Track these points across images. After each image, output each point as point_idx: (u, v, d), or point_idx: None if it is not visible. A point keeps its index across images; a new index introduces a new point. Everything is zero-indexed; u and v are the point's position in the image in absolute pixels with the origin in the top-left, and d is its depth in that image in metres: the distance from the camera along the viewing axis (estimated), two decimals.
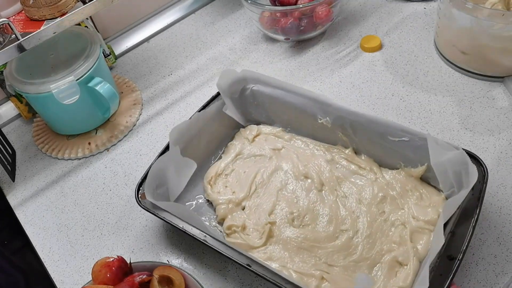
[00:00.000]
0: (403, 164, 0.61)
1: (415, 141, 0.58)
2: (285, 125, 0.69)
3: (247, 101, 0.69)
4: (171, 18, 0.96)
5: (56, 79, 0.69)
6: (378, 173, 0.62)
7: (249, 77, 0.68)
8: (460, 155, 0.53)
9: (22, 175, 0.76)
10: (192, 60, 0.88)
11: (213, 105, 0.68)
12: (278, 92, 0.67)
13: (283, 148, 0.67)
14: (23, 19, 0.68)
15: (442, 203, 0.57)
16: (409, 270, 0.52)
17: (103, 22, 0.91)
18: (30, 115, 0.83)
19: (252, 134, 0.69)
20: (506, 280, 0.52)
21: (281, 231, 0.58)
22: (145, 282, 0.52)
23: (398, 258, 0.54)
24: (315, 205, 0.60)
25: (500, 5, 0.67)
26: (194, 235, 0.55)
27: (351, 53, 0.82)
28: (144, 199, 0.59)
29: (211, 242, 0.54)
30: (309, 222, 0.59)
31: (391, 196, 0.59)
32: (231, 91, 0.68)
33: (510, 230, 0.56)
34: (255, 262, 0.51)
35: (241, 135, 0.70)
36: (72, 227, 0.67)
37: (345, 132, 0.64)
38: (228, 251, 0.53)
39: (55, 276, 0.63)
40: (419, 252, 0.54)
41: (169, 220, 0.57)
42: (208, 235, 0.54)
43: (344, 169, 0.63)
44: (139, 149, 0.75)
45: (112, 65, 0.89)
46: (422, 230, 0.56)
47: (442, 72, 0.75)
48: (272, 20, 0.82)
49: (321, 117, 0.64)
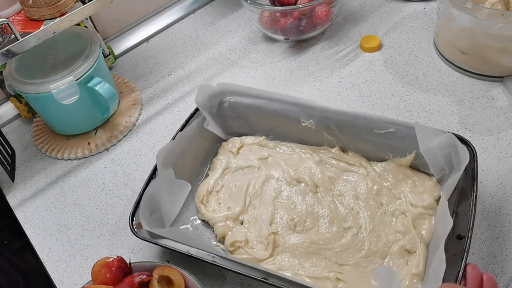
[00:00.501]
0: (392, 155, 0.62)
1: (401, 131, 0.59)
2: (267, 133, 0.69)
3: (226, 114, 0.69)
4: (170, 18, 0.96)
5: (55, 79, 0.69)
6: (368, 167, 0.63)
7: (225, 90, 0.67)
8: (448, 138, 0.55)
9: (21, 175, 0.76)
10: (191, 60, 0.88)
11: (193, 122, 0.66)
12: (257, 101, 0.66)
13: (270, 156, 0.67)
14: (22, 19, 0.68)
15: (435, 187, 0.59)
16: (419, 256, 0.53)
17: (102, 22, 0.91)
18: (29, 115, 0.83)
19: (235, 146, 0.68)
20: (506, 280, 0.52)
21: (285, 239, 0.58)
22: (145, 282, 0.52)
23: (406, 247, 0.55)
24: (314, 208, 0.60)
25: (499, 5, 0.67)
26: (202, 258, 0.53)
27: (351, 53, 0.82)
28: (140, 228, 0.57)
29: (220, 262, 0.53)
30: (311, 225, 0.59)
31: (385, 187, 0.60)
32: (209, 106, 0.67)
33: (510, 230, 0.56)
34: (270, 274, 0.51)
35: (224, 149, 0.68)
36: (71, 227, 0.67)
37: (330, 132, 0.64)
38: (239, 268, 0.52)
39: (55, 276, 0.62)
40: (424, 238, 0.55)
41: (172, 247, 0.55)
42: (216, 255, 0.53)
43: (334, 168, 0.64)
44: (138, 149, 0.75)
45: (112, 65, 0.89)
46: (423, 215, 0.57)
47: (442, 72, 0.75)
48: (271, 20, 0.82)
49: (305, 120, 0.64)
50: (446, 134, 0.56)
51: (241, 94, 0.67)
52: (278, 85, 0.79)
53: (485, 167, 0.62)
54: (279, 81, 0.80)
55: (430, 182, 0.59)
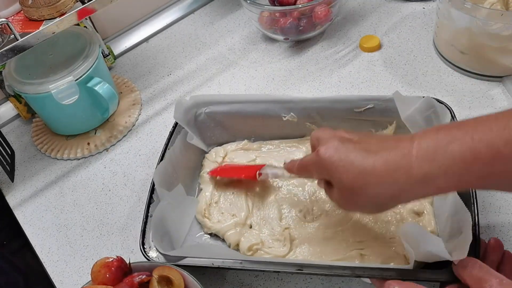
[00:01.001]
0: (374, 130, 0.64)
1: (379, 105, 0.61)
2: (248, 136, 0.69)
3: (204, 125, 0.68)
4: (170, 18, 0.96)
5: (55, 79, 0.69)
6: None
7: (199, 101, 0.67)
8: (426, 101, 0.58)
9: (21, 176, 0.76)
10: (191, 60, 0.88)
11: (177, 138, 0.65)
12: (233, 107, 0.66)
13: (257, 158, 0.67)
14: (22, 19, 0.68)
15: None
16: (429, 215, 0.55)
17: (102, 22, 0.91)
18: (29, 115, 0.83)
19: (219, 156, 0.67)
20: None
21: (299, 231, 0.58)
22: (145, 282, 0.52)
23: (414, 209, 0.56)
24: (316, 195, 0.61)
25: (499, 5, 0.67)
26: (231, 267, 0.52)
27: (350, 53, 0.82)
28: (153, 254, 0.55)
29: (250, 266, 0.52)
30: (319, 212, 0.59)
31: None
32: (187, 120, 0.66)
33: (509, 229, 0.56)
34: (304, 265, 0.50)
35: (208, 161, 0.68)
36: (71, 228, 0.67)
37: (312, 121, 0.65)
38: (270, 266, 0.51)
39: (54, 276, 0.62)
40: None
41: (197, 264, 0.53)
42: (243, 261, 0.52)
43: None
44: (138, 149, 0.75)
45: (111, 65, 0.89)
46: None
47: (441, 72, 0.75)
48: (271, 20, 0.82)
49: (285, 114, 0.65)
50: (424, 97, 0.58)
51: (216, 103, 0.67)
52: (277, 85, 0.79)
53: None
54: (278, 81, 0.80)
55: None
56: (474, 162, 0.38)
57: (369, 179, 0.41)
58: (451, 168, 0.38)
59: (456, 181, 0.39)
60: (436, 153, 0.39)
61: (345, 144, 0.44)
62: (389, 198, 0.42)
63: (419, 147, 0.40)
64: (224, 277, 0.58)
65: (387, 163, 0.40)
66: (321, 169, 0.46)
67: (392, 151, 0.41)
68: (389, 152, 0.41)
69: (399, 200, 0.42)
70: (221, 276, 0.58)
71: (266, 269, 0.51)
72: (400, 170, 0.40)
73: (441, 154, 0.39)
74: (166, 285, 0.53)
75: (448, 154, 0.38)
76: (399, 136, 0.43)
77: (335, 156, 0.43)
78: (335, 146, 0.44)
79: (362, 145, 0.43)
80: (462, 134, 0.39)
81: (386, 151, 0.41)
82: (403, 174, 0.40)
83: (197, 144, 0.67)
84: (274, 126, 0.67)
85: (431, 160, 0.39)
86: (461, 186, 0.40)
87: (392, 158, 0.40)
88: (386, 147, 0.42)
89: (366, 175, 0.41)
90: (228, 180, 0.65)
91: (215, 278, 0.58)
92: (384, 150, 0.41)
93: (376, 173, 0.41)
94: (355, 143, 0.44)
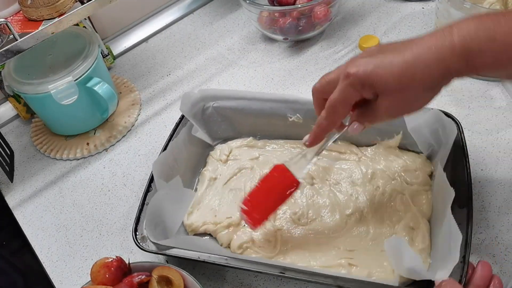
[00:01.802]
0: (380, 138, 0.63)
1: None
2: (254, 133, 0.69)
3: (211, 119, 0.68)
4: (169, 18, 0.96)
5: (54, 79, 0.69)
6: (359, 153, 0.64)
7: (207, 95, 0.67)
8: (434, 114, 0.57)
9: (20, 176, 0.76)
10: (190, 60, 0.88)
11: (182, 130, 0.66)
12: (241, 103, 0.66)
13: (260, 156, 0.67)
14: (21, 19, 0.68)
15: (426, 163, 0.61)
16: (423, 231, 0.54)
17: (101, 22, 0.91)
18: (28, 115, 0.83)
19: (224, 154, 0.67)
20: (505, 280, 0.52)
21: (292, 234, 0.58)
22: (144, 282, 0.52)
23: (409, 224, 0.56)
24: (314, 199, 0.61)
25: (498, 5, 0.67)
26: (215, 262, 0.53)
27: (350, 53, 0.82)
28: (145, 242, 0.56)
29: (235, 263, 0.53)
30: (314, 216, 0.59)
31: (379, 170, 0.62)
32: (194, 113, 0.66)
33: (509, 229, 0.56)
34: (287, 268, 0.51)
35: (212, 158, 0.68)
36: (70, 228, 0.67)
37: None
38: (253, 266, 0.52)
39: (54, 276, 0.62)
40: (425, 212, 0.56)
41: (182, 255, 0.54)
42: (229, 257, 0.53)
43: (326, 158, 0.65)
44: (137, 150, 0.75)
45: (111, 65, 0.89)
46: (419, 192, 0.58)
47: None
48: (270, 20, 0.82)
49: (291, 115, 0.65)
50: (432, 110, 0.57)
51: (224, 98, 0.67)
52: (277, 85, 0.79)
53: (484, 166, 0.62)
54: (278, 81, 0.80)
55: (420, 159, 0.61)
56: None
57: (415, 68, 0.41)
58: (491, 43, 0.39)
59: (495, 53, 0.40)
60: (477, 29, 0.40)
61: (373, 54, 0.44)
62: (441, 76, 0.42)
63: (459, 27, 0.41)
64: (224, 277, 0.58)
65: (429, 46, 0.41)
66: (360, 87, 0.43)
67: (429, 38, 0.42)
68: (424, 40, 0.42)
69: (450, 75, 0.42)
70: (221, 276, 0.58)
71: (250, 268, 0.52)
72: (444, 48, 0.40)
73: (482, 30, 0.39)
74: (166, 285, 0.53)
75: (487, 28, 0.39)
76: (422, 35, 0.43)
77: (370, 66, 0.42)
78: (363, 60, 0.43)
79: (390, 48, 0.43)
80: (498, 17, 0.40)
81: (421, 41, 0.42)
82: (448, 50, 0.40)
83: (202, 137, 0.67)
84: (279, 125, 0.67)
85: (473, 35, 0.40)
86: (500, 62, 0.40)
87: (433, 41, 0.41)
88: (418, 40, 0.42)
89: (411, 65, 0.41)
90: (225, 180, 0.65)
91: (214, 278, 0.58)
92: (418, 41, 0.42)
93: (421, 58, 0.41)
94: (381, 51, 0.44)
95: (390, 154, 0.63)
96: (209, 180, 0.65)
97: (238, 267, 0.52)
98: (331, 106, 0.46)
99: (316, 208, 0.60)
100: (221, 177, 0.66)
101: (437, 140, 0.59)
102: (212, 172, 0.66)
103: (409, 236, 0.55)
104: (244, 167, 0.66)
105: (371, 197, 0.59)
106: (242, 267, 0.52)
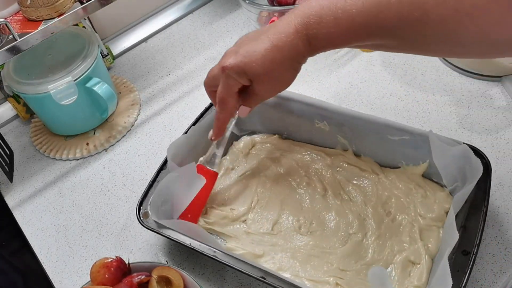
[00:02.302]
0: (405, 163, 0.61)
1: (415, 139, 0.58)
2: (281, 131, 0.69)
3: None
4: (169, 18, 0.96)
5: (54, 79, 0.69)
6: (380, 174, 0.62)
7: None
8: (462, 150, 0.54)
9: (20, 176, 0.76)
10: (190, 60, 0.88)
11: (207, 116, 0.66)
12: (272, 99, 0.65)
13: (281, 156, 0.66)
14: (20, 19, 0.68)
15: (447, 199, 0.57)
16: (423, 268, 0.52)
17: (100, 23, 0.91)
18: (28, 115, 0.83)
19: (246, 147, 0.68)
20: (504, 279, 0.52)
21: (287, 240, 0.58)
22: (144, 282, 0.52)
23: (410, 258, 0.54)
24: (321, 211, 0.60)
25: None
26: (203, 252, 0.53)
27: (349, 52, 0.82)
28: (146, 218, 0.57)
29: (221, 257, 0.52)
30: (316, 228, 0.58)
31: (395, 195, 0.59)
32: None
33: (508, 229, 0.56)
34: (269, 274, 0.50)
35: (235, 148, 0.68)
36: (70, 228, 0.67)
37: (343, 135, 0.63)
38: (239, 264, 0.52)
39: (54, 277, 0.62)
40: (430, 250, 0.54)
41: (175, 239, 0.55)
42: (217, 250, 0.53)
43: (345, 172, 0.63)
44: (137, 150, 0.75)
45: (110, 65, 0.89)
46: (430, 227, 0.55)
47: (440, 72, 0.75)
48: (270, 20, 0.82)
49: (319, 121, 0.64)
50: (460, 145, 0.54)
51: None
52: None
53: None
54: None
55: (442, 193, 0.58)
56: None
57: (273, 53, 0.46)
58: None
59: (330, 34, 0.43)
60: (310, 11, 0.44)
61: (241, 45, 0.49)
62: (294, 58, 0.47)
63: (298, 10, 0.45)
64: (224, 277, 0.58)
65: (280, 32, 0.46)
66: (235, 77, 0.49)
67: (280, 23, 0.47)
68: (277, 26, 0.47)
69: (302, 56, 0.47)
70: (221, 276, 0.58)
71: (234, 266, 0.51)
72: (290, 33, 0.45)
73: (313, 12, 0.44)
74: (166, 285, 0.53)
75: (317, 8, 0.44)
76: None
77: (239, 57, 0.48)
78: (233, 52, 0.49)
79: (254, 36, 0.48)
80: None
81: (274, 27, 0.47)
82: (293, 35, 0.45)
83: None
84: (305, 129, 0.66)
85: (309, 17, 0.44)
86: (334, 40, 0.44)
87: (282, 27, 0.46)
88: (273, 26, 0.47)
89: (269, 51, 0.46)
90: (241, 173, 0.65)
91: (214, 279, 0.58)
92: (273, 28, 0.47)
93: (275, 44, 0.46)
94: (248, 39, 0.49)
95: (412, 181, 0.59)
96: (226, 170, 0.66)
97: (221, 261, 0.52)
98: (220, 99, 0.52)
99: (321, 220, 0.59)
100: (238, 169, 0.66)
101: (463, 178, 0.55)
102: (231, 163, 0.66)
103: (407, 269, 0.53)
104: (261, 165, 0.65)
105: (379, 221, 0.57)
106: (226, 263, 0.52)
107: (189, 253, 0.61)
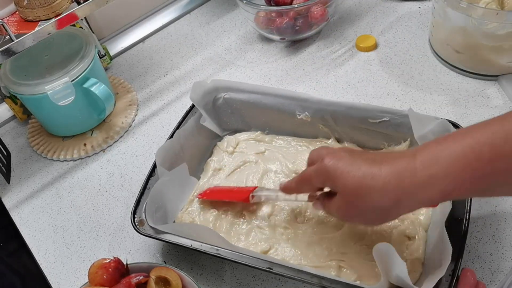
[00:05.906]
0: (387, 144, 0.63)
1: (395, 119, 0.60)
2: (262, 127, 0.69)
3: (221, 110, 0.69)
4: (166, 18, 0.96)
5: (51, 80, 0.69)
6: None
7: (219, 86, 0.68)
8: (442, 124, 0.56)
9: (17, 177, 0.75)
10: (187, 60, 0.88)
11: (190, 119, 0.67)
12: (252, 96, 0.67)
13: (266, 151, 0.67)
14: (17, 20, 0.68)
15: None
16: (419, 241, 0.54)
17: (98, 23, 0.91)
18: (25, 116, 0.83)
19: (231, 146, 0.68)
20: (502, 278, 0.52)
21: (286, 230, 0.58)
22: (142, 283, 0.52)
23: (405, 232, 0.55)
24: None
25: (494, 4, 0.68)
26: (206, 251, 0.53)
27: (347, 52, 0.82)
28: (142, 225, 0.57)
29: (225, 254, 0.53)
30: (311, 216, 0.59)
31: None
32: (204, 103, 0.67)
33: (505, 228, 0.56)
34: (275, 264, 0.51)
35: (219, 149, 0.68)
36: (68, 229, 0.67)
37: (325, 123, 0.65)
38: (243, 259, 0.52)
39: (51, 278, 0.62)
40: (423, 222, 0.56)
41: (175, 242, 0.55)
42: (220, 248, 0.53)
43: None
44: (135, 150, 0.75)
45: (107, 66, 0.89)
46: None
47: (437, 71, 0.75)
48: (267, 20, 0.83)
49: (300, 113, 0.65)
50: (439, 120, 0.57)
51: (236, 90, 0.68)
52: (274, 85, 0.79)
53: None
54: (275, 81, 0.80)
55: None
56: (475, 160, 0.39)
57: (375, 183, 0.42)
58: (452, 167, 0.39)
59: (459, 181, 0.40)
60: (438, 157, 0.40)
61: (351, 154, 0.45)
62: (393, 203, 0.42)
63: (422, 154, 0.41)
64: (222, 277, 0.58)
65: (393, 168, 0.42)
66: (324, 177, 0.45)
67: (397, 159, 0.42)
68: (394, 159, 0.43)
69: (402, 205, 0.42)
70: (219, 276, 0.58)
71: (239, 261, 0.51)
72: (405, 173, 0.41)
73: (443, 157, 0.40)
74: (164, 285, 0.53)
75: (450, 154, 0.40)
76: (401, 151, 0.45)
77: (341, 163, 0.44)
78: (341, 155, 0.45)
79: (367, 156, 0.45)
80: (462, 135, 0.40)
81: (391, 159, 0.43)
82: (408, 177, 0.41)
83: (210, 127, 0.67)
84: (287, 122, 0.67)
85: (434, 163, 0.40)
86: (463, 188, 0.40)
87: (398, 164, 0.42)
88: (391, 157, 0.43)
89: (372, 179, 0.42)
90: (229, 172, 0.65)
91: (212, 279, 0.58)
92: (390, 159, 0.43)
93: (382, 176, 0.41)
94: (361, 154, 0.46)
95: None
96: (213, 170, 0.66)
97: (226, 258, 0.52)
98: (300, 177, 0.50)
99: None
100: (226, 168, 0.66)
101: None
102: (217, 163, 0.67)
103: (403, 244, 0.54)
104: (248, 161, 0.66)
105: None
106: (230, 258, 0.52)
107: (187, 253, 0.61)
